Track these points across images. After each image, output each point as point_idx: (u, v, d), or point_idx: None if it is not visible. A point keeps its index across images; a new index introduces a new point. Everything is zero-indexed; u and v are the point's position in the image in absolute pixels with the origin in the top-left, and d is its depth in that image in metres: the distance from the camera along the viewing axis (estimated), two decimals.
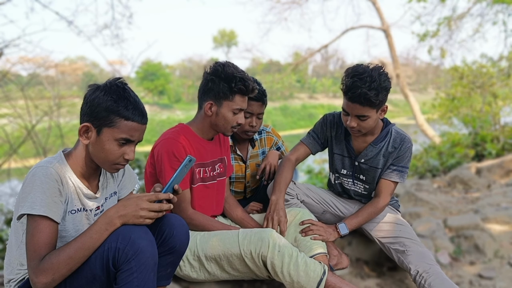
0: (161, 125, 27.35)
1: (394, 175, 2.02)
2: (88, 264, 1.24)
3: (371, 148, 2.02)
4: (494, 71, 10.32)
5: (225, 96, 1.80)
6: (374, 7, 13.14)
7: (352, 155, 2.08)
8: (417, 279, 1.88)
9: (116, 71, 18.18)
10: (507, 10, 11.19)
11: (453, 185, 4.94)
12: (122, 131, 1.32)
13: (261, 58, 38.85)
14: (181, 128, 1.87)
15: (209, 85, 1.81)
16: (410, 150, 2.00)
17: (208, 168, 1.91)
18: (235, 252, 1.72)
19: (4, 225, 4.93)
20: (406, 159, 2.00)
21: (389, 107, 1.95)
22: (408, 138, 2.01)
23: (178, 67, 47.38)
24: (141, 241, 1.23)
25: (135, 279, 1.22)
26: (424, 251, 1.96)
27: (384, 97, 1.85)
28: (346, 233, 1.99)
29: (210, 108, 1.83)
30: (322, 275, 1.67)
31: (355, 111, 1.85)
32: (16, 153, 6.38)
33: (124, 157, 1.36)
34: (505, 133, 7.70)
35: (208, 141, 1.92)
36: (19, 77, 9.58)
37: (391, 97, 1.99)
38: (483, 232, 2.93)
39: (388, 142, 2.01)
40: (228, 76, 1.78)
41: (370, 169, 2.05)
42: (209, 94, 1.82)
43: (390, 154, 2.00)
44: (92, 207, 1.43)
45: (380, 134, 2.02)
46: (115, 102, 1.30)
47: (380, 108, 1.89)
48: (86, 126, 1.32)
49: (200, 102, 1.88)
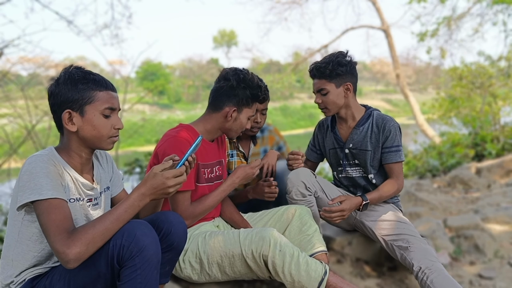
0: (161, 125, 27.35)
1: (392, 156, 2.09)
2: (93, 261, 1.25)
3: (355, 131, 2.13)
4: (493, 71, 10.32)
5: (247, 103, 1.87)
6: (374, 7, 13.14)
7: (341, 144, 2.18)
8: (419, 275, 1.88)
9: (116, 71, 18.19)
10: (507, 10, 11.20)
11: (453, 185, 4.94)
12: (103, 102, 1.36)
13: (261, 58, 38.86)
14: (185, 127, 1.87)
15: (235, 91, 1.84)
16: (396, 128, 2.08)
17: (207, 169, 1.91)
18: (236, 253, 1.72)
19: (4, 225, 4.93)
20: (395, 138, 2.07)
21: (389, 107, 1.99)
22: (390, 118, 2.11)
23: (178, 67, 47.38)
24: (146, 239, 1.24)
25: (138, 276, 1.23)
26: (427, 248, 1.97)
27: (339, 71, 2.02)
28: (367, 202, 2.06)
29: (232, 113, 1.85)
30: (324, 275, 1.67)
31: (315, 87, 2.09)
32: (16, 153, 6.39)
33: (115, 127, 1.40)
34: (505, 133, 7.70)
35: (210, 142, 1.93)
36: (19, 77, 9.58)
37: (391, 97, 2.01)
38: (483, 232, 2.93)
39: (371, 124, 2.10)
40: (255, 85, 1.86)
41: (360, 152, 2.13)
42: (232, 100, 1.85)
43: (376, 136, 2.09)
44: (89, 197, 1.44)
45: (362, 117, 2.13)
46: (84, 79, 1.35)
47: (340, 83, 2.04)
48: (68, 112, 1.34)
49: (217, 104, 1.87)
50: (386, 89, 47.51)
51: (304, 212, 1.99)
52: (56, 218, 1.22)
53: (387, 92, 45.20)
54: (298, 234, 1.94)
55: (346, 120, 2.15)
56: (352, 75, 2.08)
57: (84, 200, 1.42)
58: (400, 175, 2.13)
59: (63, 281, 1.29)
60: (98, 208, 1.48)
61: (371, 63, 44.23)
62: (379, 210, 2.16)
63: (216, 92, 1.89)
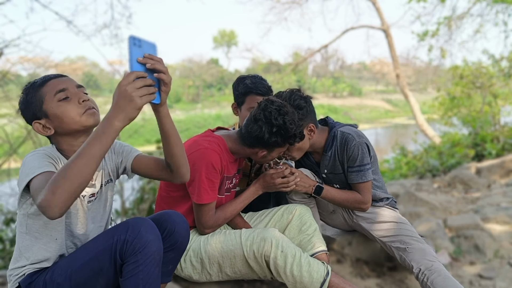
0: None
1: (354, 176, 2.00)
2: (96, 256, 1.25)
3: (324, 157, 2.05)
4: (494, 71, 10.32)
5: (279, 145, 1.79)
6: (374, 7, 13.13)
7: (316, 169, 2.12)
8: (420, 276, 1.88)
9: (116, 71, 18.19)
10: (507, 10, 11.20)
11: (453, 185, 4.95)
12: (50, 92, 1.34)
13: (261, 58, 38.85)
14: (218, 140, 1.81)
15: (268, 141, 1.74)
16: (358, 147, 1.94)
17: (229, 181, 1.91)
18: (238, 253, 1.72)
19: (4, 225, 4.93)
20: (358, 158, 1.96)
21: (389, 107, 1.97)
22: (352, 136, 1.96)
23: (178, 67, 47.35)
24: (149, 235, 1.25)
25: (140, 272, 1.23)
26: (426, 247, 1.96)
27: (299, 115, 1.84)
28: (316, 196, 2.01)
29: (261, 154, 1.82)
30: (326, 275, 1.67)
31: None
32: (16, 153, 6.38)
33: (80, 102, 1.35)
34: (505, 133, 7.71)
35: (235, 156, 1.91)
36: (19, 77, 9.57)
37: (391, 97, 2.00)
38: (483, 232, 2.93)
39: (336, 146, 2.00)
40: (291, 134, 1.75)
41: (335, 176, 2.07)
42: (264, 145, 1.78)
43: (342, 158, 2.00)
44: (86, 194, 1.43)
45: (326, 142, 2.03)
46: (28, 90, 1.36)
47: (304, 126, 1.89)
48: (36, 123, 1.35)
49: (248, 142, 1.80)
50: (386, 89, 47.50)
51: (304, 211, 1.99)
52: (40, 183, 1.16)
53: (387, 92, 45.16)
54: (298, 233, 1.94)
55: (315, 151, 2.08)
56: (311, 112, 1.96)
57: (82, 196, 1.41)
58: (367, 194, 2.03)
59: (64, 275, 1.29)
60: (98, 201, 1.48)
61: (371, 63, 44.24)
62: (375, 212, 2.16)
63: (247, 133, 1.77)
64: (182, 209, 1.83)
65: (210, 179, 1.72)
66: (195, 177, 1.71)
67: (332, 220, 2.28)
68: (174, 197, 1.84)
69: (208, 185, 1.71)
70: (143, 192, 5.65)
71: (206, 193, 1.72)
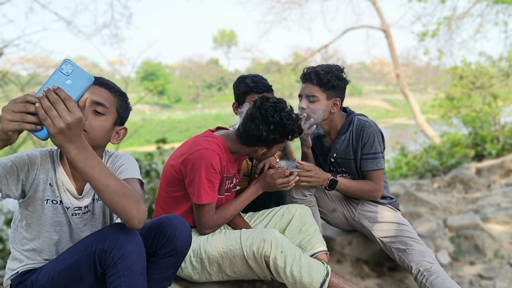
0: (161, 125, 27.32)
1: (369, 163, 2.03)
2: (76, 263, 1.24)
3: (337, 140, 2.08)
4: (494, 72, 10.32)
5: (278, 141, 1.80)
6: (374, 7, 13.13)
7: (326, 152, 2.15)
8: (419, 277, 1.88)
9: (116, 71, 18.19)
10: (507, 10, 11.20)
11: (453, 185, 4.95)
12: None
13: (261, 58, 38.89)
14: (217, 140, 1.81)
15: (266, 139, 1.75)
16: (374, 134, 2.00)
17: (229, 181, 1.91)
18: (237, 253, 1.72)
19: (4, 225, 4.92)
20: (373, 145, 2.00)
21: (389, 107, 1.97)
22: (369, 123, 2.02)
23: (178, 67, 47.37)
24: (128, 245, 1.21)
25: (122, 283, 1.21)
26: (426, 249, 1.97)
27: (335, 84, 1.96)
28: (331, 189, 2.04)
29: (261, 152, 1.82)
30: (325, 276, 1.67)
31: (306, 91, 2.00)
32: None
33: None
34: (505, 133, 7.70)
35: (234, 156, 1.91)
36: (19, 77, 9.57)
37: (391, 97, 2.01)
38: (483, 232, 2.93)
39: (352, 132, 2.05)
40: (289, 131, 1.76)
41: (344, 161, 2.10)
42: (263, 143, 1.79)
43: (356, 143, 2.04)
44: (72, 205, 1.39)
45: (342, 126, 2.08)
46: None
47: (331, 96, 1.98)
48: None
49: (247, 141, 1.80)
50: (386, 89, 47.49)
51: (304, 211, 1.99)
52: None
53: (387, 92, 45.16)
54: (298, 234, 1.94)
55: (328, 131, 2.11)
56: (343, 92, 2.04)
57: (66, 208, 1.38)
58: (379, 182, 2.06)
59: (47, 277, 1.29)
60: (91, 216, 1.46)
61: (371, 63, 44.20)
62: (378, 211, 2.16)
63: (245, 133, 1.78)
64: (183, 209, 1.83)
65: (209, 179, 1.71)
66: (195, 178, 1.71)
67: (332, 218, 2.28)
68: (175, 197, 1.84)
69: (208, 185, 1.71)
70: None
71: (206, 193, 1.71)
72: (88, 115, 1.29)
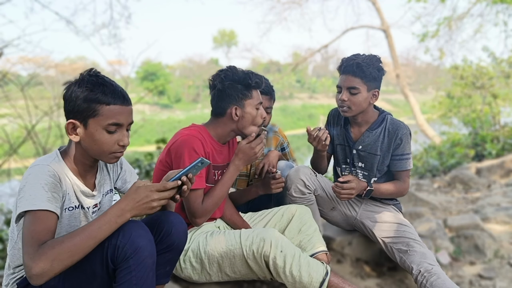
0: (161, 125, 27.31)
1: (402, 164, 2.07)
2: (87, 260, 1.24)
3: (368, 134, 2.08)
4: (494, 72, 10.31)
5: (245, 95, 1.82)
6: (374, 7, 13.14)
7: (351, 143, 2.14)
8: (419, 278, 1.88)
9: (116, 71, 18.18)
10: (507, 10, 11.20)
11: (453, 185, 4.94)
12: (107, 117, 1.29)
13: (261, 58, 38.86)
14: (198, 128, 1.85)
15: (227, 91, 1.81)
16: (407, 136, 2.05)
17: (218, 171, 1.91)
18: (237, 253, 1.72)
19: (4, 225, 4.92)
20: (406, 146, 2.05)
21: (389, 108, 1.98)
22: (403, 125, 2.06)
23: (178, 67, 47.34)
24: (141, 240, 1.23)
25: (133, 278, 1.22)
26: (426, 251, 1.97)
27: (376, 75, 1.97)
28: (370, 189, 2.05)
29: (236, 112, 1.82)
30: (325, 275, 1.67)
31: (347, 83, 1.98)
32: (16, 153, 6.38)
33: (119, 144, 1.33)
34: (505, 133, 7.70)
35: (222, 145, 1.92)
36: (19, 77, 9.57)
37: (391, 97, 2.01)
38: (483, 232, 2.93)
39: (384, 129, 2.06)
40: (241, 77, 1.82)
41: (368, 156, 2.10)
42: (229, 100, 1.82)
43: (388, 142, 2.05)
44: (90, 205, 1.43)
45: (375, 121, 2.09)
46: (92, 91, 1.27)
47: (371, 87, 1.98)
48: (71, 123, 1.30)
49: (219, 110, 1.85)
50: (386, 89, 47.44)
51: (304, 211, 1.99)
52: (35, 229, 1.17)
53: (387, 92, 45.21)
54: (298, 234, 1.94)
55: (360, 123, 2.10)
56: (380, 83, 2.05)
57: (86, 208, 1.41)
58: (408, 180, 2.12)
59: (58, 278, 1.27)
60: (100, 212, 1.48)
61: None
62: (380, 212, 2.16)
63: (212, 100, 1.87)
64: (176, 205, 1.83)
65: None
66: (180, 165, 1.72)
67: (332, 217, 2.28)
68: None
69: None
70: None
71: None
72: None
